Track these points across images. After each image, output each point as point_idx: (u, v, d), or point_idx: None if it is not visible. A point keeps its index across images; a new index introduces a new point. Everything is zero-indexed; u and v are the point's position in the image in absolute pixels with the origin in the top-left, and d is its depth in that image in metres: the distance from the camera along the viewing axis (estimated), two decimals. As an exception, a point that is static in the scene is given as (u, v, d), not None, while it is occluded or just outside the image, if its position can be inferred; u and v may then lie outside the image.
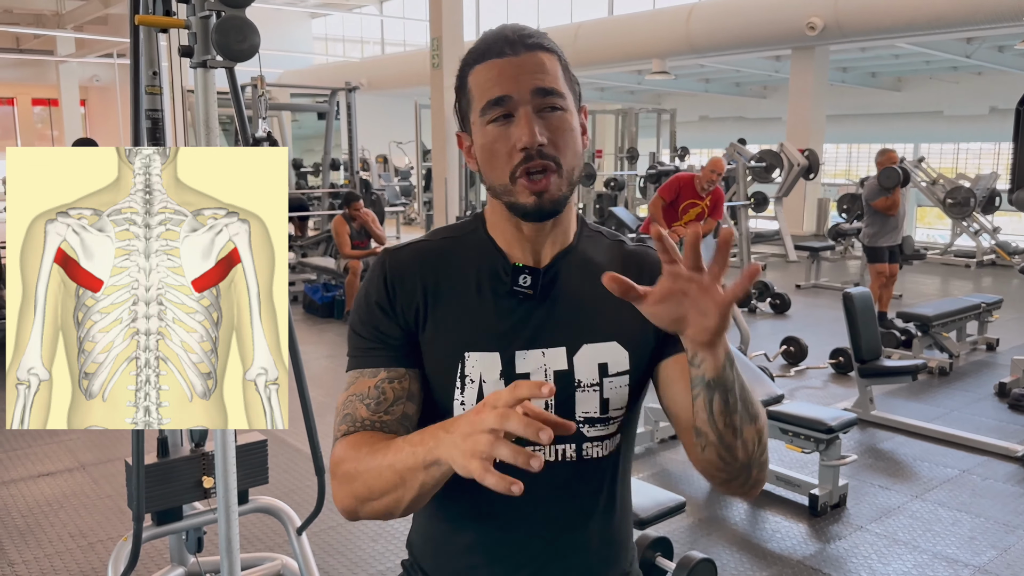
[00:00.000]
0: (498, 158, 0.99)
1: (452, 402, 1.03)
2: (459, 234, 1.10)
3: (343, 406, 1.02)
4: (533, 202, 0.99)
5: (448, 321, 1.03)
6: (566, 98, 1.02)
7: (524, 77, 0.98)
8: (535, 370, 1.03)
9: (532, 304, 1.04)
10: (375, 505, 0.93)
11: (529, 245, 1.06)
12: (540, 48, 1.02)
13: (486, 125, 1.00)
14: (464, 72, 1.03)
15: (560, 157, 0.99)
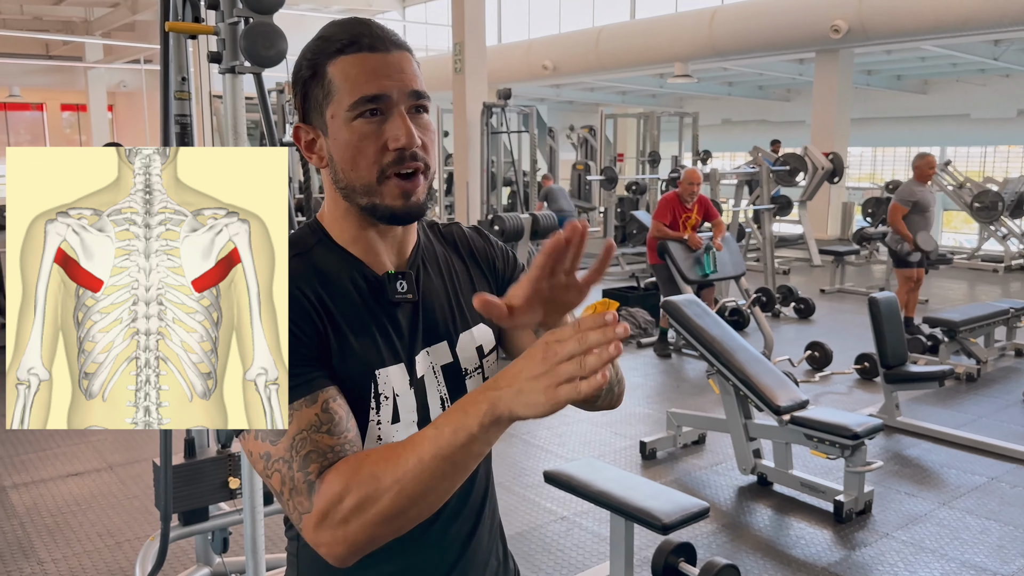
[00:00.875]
0: (365, 156, 0.96)
1: (368, 423, 0.99)
2: (305, 249, 1.03)
3: (293, 448, 0.90)
4: (401, 204, 0.98)
5: (350, 340, 0.99)
6: (430, 102, 1.01)
7: (399, 76, 0.96)
8: (426, 371, 1.04)
9: (411, 307, 1.04)
10: (412, 513, 0.87)
11: (389, 249, 1.05)
12: (406, 49, 0.99)
13: (353, 121, 0.96)
14: (320, 60, 0.97)
15: (428, 158, 0.99)
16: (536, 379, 0.79)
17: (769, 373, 3.76)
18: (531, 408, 0.79)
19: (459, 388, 1.06)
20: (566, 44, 14.60)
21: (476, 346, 1.09)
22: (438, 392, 1.04)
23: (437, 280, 1.09)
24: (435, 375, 1.05)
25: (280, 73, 2.40)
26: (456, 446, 0.83)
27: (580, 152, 14.28)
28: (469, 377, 1.07)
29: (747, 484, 3.86)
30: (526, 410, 0.80)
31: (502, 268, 1.17)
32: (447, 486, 0.87)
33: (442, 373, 1.05)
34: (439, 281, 1.09)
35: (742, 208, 8.98)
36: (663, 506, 2.61)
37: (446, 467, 0.84)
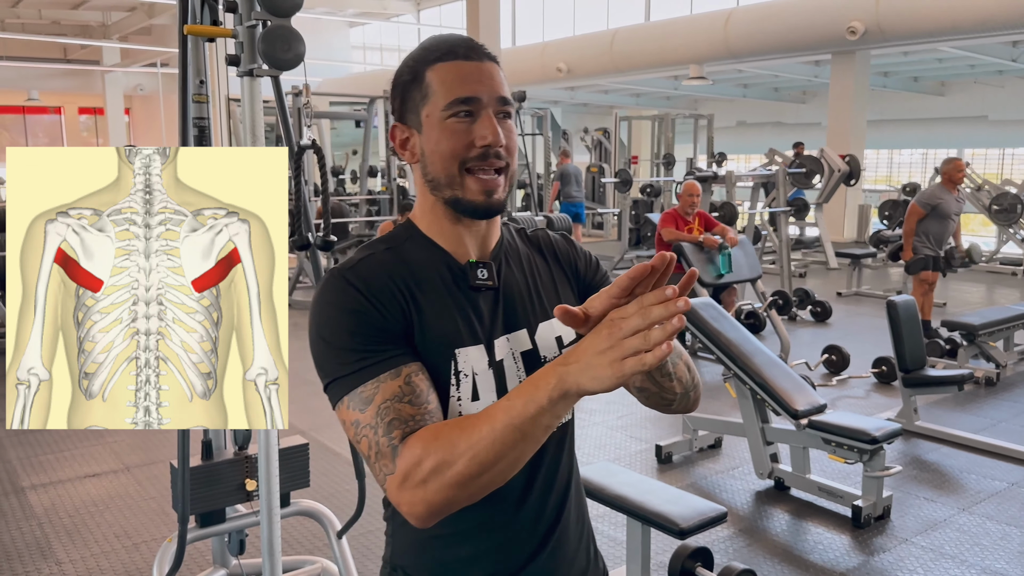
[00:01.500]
0: (453, 151, 1.04)
1: (448, 399, 1.05)
2: (397, 244, 1.11)
3: (378, 416, 0.98)
4: (482, 200, 1.06)
5: (432, 321, 1.06)
6: (514, 109, 1.10)
7: (489, 83, 1.06)
8: (506, 355, 1.10)
9: (493, 295, 1.11)
10: (485, 478, 0.93)
11: (473, 241, 1.12)
12: (493, 60, 1.09)
13: (446, 120, 1.04)
14: (421, 67, 1.07)
15: (510, 159, 1.07)
16: (602, 353, 0.84)
17: (786, 377, 3.73)
18: (597, 382, 0.85)
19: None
20: (580, 46, 14.59)
21: (556, 336, 1.15)
22: (517, 376, 1.11)
23: (519, 274, 1.16)
24: (515, 360, 1.11)
25: (298, 76, 2.40)
26: (526, 417, 0.90)
27: (594, 154, 14.25)
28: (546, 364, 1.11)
29: (764, 488, 3.83)
30: (593, 384, 0.85)
31: (583, 270, 1.24)
32: (516, 455, 0.93)
33: (522, 359, 1.11)
34: (520, 275, 1.16)
35: (758, 211, 8.94)
36: (680, 510, 2.59)
37: (516, 436, 0.91)
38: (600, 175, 13.65)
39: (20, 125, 21.46)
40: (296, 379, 5.88)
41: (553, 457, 1.15)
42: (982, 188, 10.32)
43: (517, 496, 1.11)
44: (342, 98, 14.06)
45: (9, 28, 17.49)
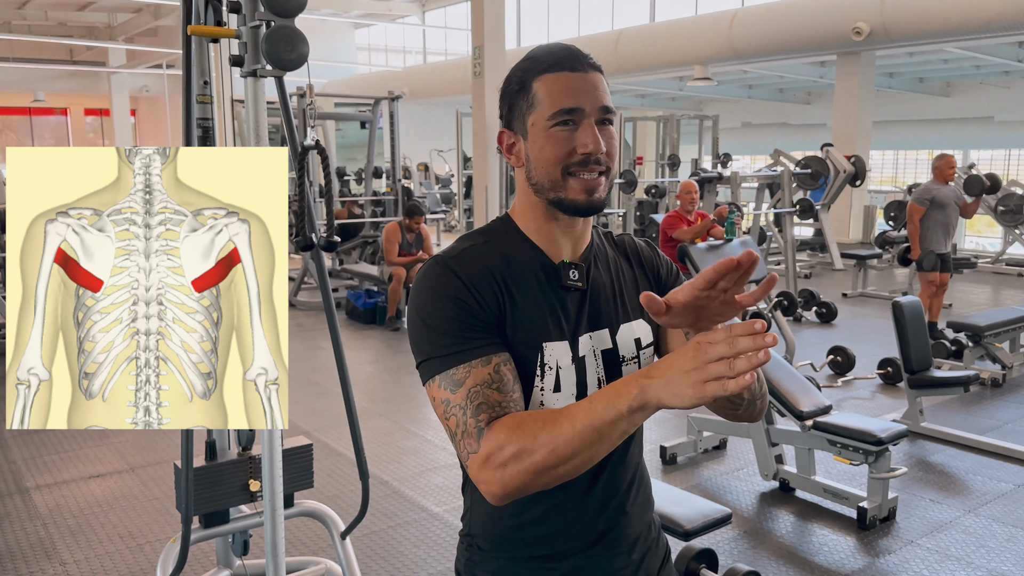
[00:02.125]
0: (555, 156, 1.10)
1: (532, 389, 1.12)
2: (495, 238, 1.18)
3: (468, 398, 1.04)
4: (584, 199, 1.11)
5: (523, 315, 1.12)
6: (615, 115, 1.15)
7: (593, 93, 1.12)
8: (587, 352, 1.16)
9: (580, 294, 1.18)
10: (560, 471, 0.99)
11: (567, 242, 1.18)
12: (599, 71, 1.15)
13: (551, 128, 1.10)
14: (528, 77, 1.13)
15: (611, 163, 1.13)
16: (686, 373, 0.89)
17: (791, 378, 3.72)
18: (678, 399, 0.90)
19: (615, 372, 1.19)
20: (585, 47, 14.04)
21: (635, 337, 1.21)
22: (596, 372, 1.17)
23: (605, 275, 1.22)
24: (595, 357, 1.17)
25: (301, 77, 2.40)
26: (605, 421, 0.95)
27: (599, 155, 14.22)
28: (625, 364, 1.20)
29: (769, 490, 3.82)
30: (673, 400, 0.91)
31: (664, 276, 1.30)
32: (592, 453, 0.98)
33: (601, 357, 1.18)
34: (606, 276, 1.22)
35: (763, 212, 8.92)
36: (685, 512, 2.59)
37: (594, 437, 0.96)
38: (605, 176, 13.62)
39: (26, 126, 21.53)
40: (300, 379, 5.90)
41: (620, 454, 1.21)
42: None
43: (584, 487, 1.17)
44: (347, 99, 14.08)
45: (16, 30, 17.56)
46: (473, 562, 1.23)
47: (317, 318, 7.88)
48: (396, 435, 4.65)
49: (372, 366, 6.24)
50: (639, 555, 1.25)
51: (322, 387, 5.56)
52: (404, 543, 3.30)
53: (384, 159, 10.61)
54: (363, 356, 6.55)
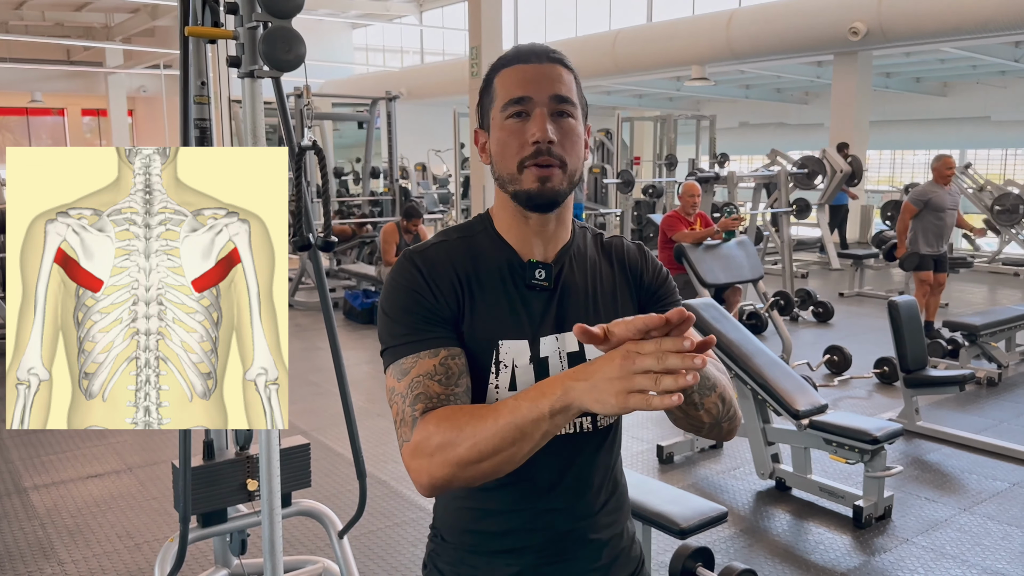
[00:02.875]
0: (510, 149, 1.10)
1: (487, 386, 1.12)
2: (471, 233, 1.19)
3: (410, 388, 1.06)
4: (537, 187, 1.10)
5: (482, 312, 1.12)
6: (577, 108, 1.13)
7: (545, 83, 1.10)
8: (552, 353, 1.15)
9: (547, 294, 1.16)
10: (483, 466, 0.98)
11: (539, 241, 1.17)
12: (561, 63, 1.14)
13: (505, 120, 1.11)
14: (492, 75, 1.15)
15: (566, 157, 1.11)
16: (611, 381, 0.88)
17: (788, 377, 3.73)
18: (600, 405, 0.89)
19: None
20: (583, 47, 14.58)
21: None
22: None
23: (580, 277, 1.20)
24: (560, 359, 1.16)
25: (299, 77, 2.41)
26: (527, 420, 0.95)
27: (596, 155, 14.24)
28: None
29: (765, 489, 3.83)
30: (595, 406, 0.90)
31: (649, 281, 1.26)
32: (514, 451, 0.97)
33: (567, 359, 1.16)
34: (581, 279, 1.20)
35: (760, 211, 8.93)
36: (681, 510, 2.60)
37: (516, 435, 0.96)
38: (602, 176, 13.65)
39: (23, 127, 21.50)
40: (298, 379, 5.90)
41: (589, 457, 1.19)
42: (984, 189, 10.32)
43: (545, 486, 1.16)
44: (345, 99, 14.08)
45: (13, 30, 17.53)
46: (436, 553, 1.24)
47: (315, 318, 7.88)
48: (393, 435, 4.65)
49: (369, 366, 6.24)
50: (605, 563, 1.23)
51: (320, 387, 5.57)
52: (401, 542, 3.31)
53: (382, 159, 10.61)
54: (361, 356, 6.55)
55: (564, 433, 1.16)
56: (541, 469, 1.14)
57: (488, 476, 1.00)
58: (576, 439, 1.18)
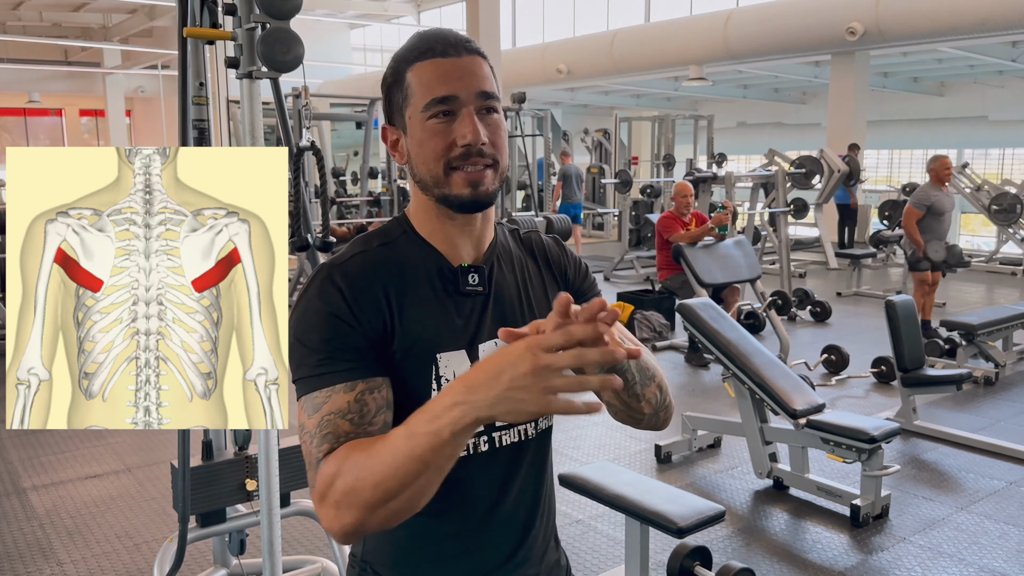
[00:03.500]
0: (435, 152, 1.02)
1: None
2: (390, 239, 1.10)
3: (319, 427, 0.97)
4: (469, 193, 1.03)
5: (415, 326, 1.04)
6: (500, 102, 1.07)
7: (468, 79, 1.03)
8: None
9: (482, 299, 1.10)
10: (393, 506, 0.89)
11: (466, 242, 1.10)
12: (478, 54, 1.06)
13: (427, 120, 1.03)
14: (401, 67, 1.05)
15: (497, 154, 1.04)
16: (521, 389, 0.79)
17: (785, 377, 3.74)
18: (513, 415, 0.81)
19: None
20: (581, 47, 14.60)
21: None
22: None
23: (510, 277, 1.14)
24: None
25: (297, 78, 2.42)
26: (427, 449, 0.85)
27: (594, 155, 14.26)
28: None
29: (763, 488, 3.84)
30: (508, 417, 0.82)
31: (572, 277, 1.22)
32: (424, 483, 0.89)
33: None
34: (512, 278, 1.14)
35: (757, 211, 8.94)
36: (679, 509, 2.60)
37: (419, 467, 0.87)
38: (600, 176, 13.66)
39: (21, 127, 21.47)
40: (296, 380, 5.87)
41: (527, 475, 1.14)
42: (982, 188, 10.33)
43: (487, 507, 1.10)
44: (343, 100, 14.08)
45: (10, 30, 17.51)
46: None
47: (313, 318, 7.88)
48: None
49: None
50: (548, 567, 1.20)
51: (318, 387, 5.56)
52: (400, 542, 3.31)
53: (380, 159, 10.61)
54: (359, 356, 6.55)
55: (507, 443, 1.10)
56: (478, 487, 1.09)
57: (403, 514, 0.91)
58: (523, 447, 1.13)
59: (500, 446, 1.10)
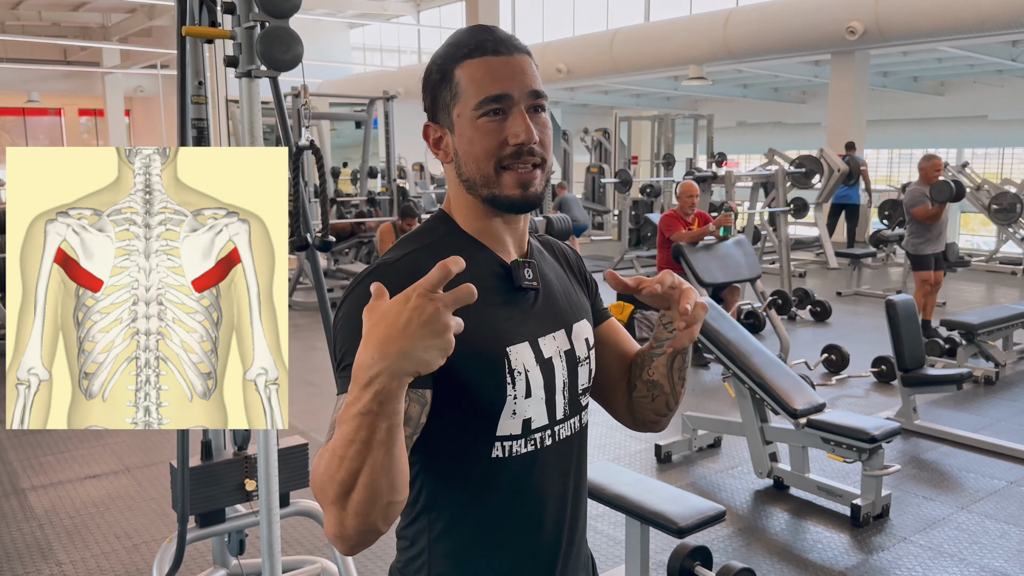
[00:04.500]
0: (487, 151, 1.02)
1: (504, 398, 1.02)
2: (434, 239, 1.08)
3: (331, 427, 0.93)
4: (519, 194, 1.04)
5: (482, 323, 1.01)
6: (547, 100, 1.07)
7: (520, 77, 1.03)
8: (553, 353, 1.09)
9: (535, 294, 1.11)
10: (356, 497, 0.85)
11: (512, 240, 1.11)
12: (526, 53, 1.06)
13: (478, 119, 1.02)
14: (449, 65, 1.04)
15: (546, 154, 1.05)
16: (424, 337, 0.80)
17: (785, 376, 3.74)
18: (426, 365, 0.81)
19: (574, 374, 1.12)
20: (580, 47, 14.59)
21: (584, 337, 1.15)
22: (561, 375, 1.10)
23: (550, 273, 1.16)
24: (560, 359, 1.10)
25: (296, 77, 2.41)
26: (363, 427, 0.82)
27: (594, 155, 14.27)
28: (580, 365, 1.13)
29: (763, 488, 3.84)
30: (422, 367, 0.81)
31: (589, 280, 1.27)
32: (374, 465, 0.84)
33: (564, 358, 1.11)
34: (551, 274, 1.16)
35: (757, 211, 8.94)
36: (679, 509, 2.60)
37: (361, 448, 0.83)
38: (600, 175, 13.66)
39: (20, 127, 21.47)
40: (296, 380, 5.89)
41: (573, 472, 1.14)
42: (982, 188, 10.33)
43: (536, 508, 1.09)
44: (342, 99, 14.07)
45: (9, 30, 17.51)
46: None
47: (313, 318, 7.88)
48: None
49: (368, 366, 6.24)
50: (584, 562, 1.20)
51: (318, 387, 5.56)
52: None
53: (379, 159, 10.60)
54: (359, 356, 6.55)
55: (564, 436, 1.11)
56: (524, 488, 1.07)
57: (373, 508, 0.85)
58: (572, 442, 1.13)
59: (544, 446, 1.09)
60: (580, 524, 1.17)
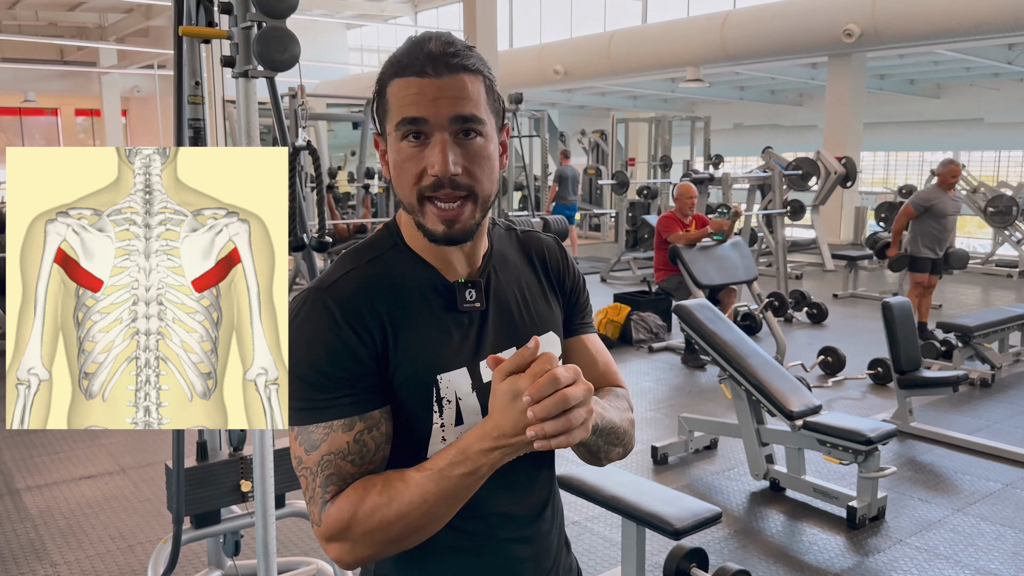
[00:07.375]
0: (408, 176, 0.98)
1: (431, 426, 1.02)
2: (380, 253, 1.06)
3: (320, 466, 0.98)
4: (442, 231, 0.99)
5: (413, 347, 1.01)
6: (486, 124, 0.99)
7: (443, 101, 0.96)
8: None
9: (480, 314, 1.06)
10: (415, 538, 0.97)
11: (460, 256, 1.06)
12: (463, 70, 0.98)
13: (400, 141, 0.98)
14: (385, 79, 1.00)
15: (475, 185, 0.98)
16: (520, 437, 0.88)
17: (782, 378, 3.74)
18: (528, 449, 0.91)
19: None
20: (578, 48, 14.61)
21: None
22: None
23: (508, 287, 1.11)
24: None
25: (293, 77, 2.41)
26: (464, 488, 0.94)
27: (591, 157, 14.28)
28: None
29: (759, 489, 3.84)
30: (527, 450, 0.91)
31: (570, 287, 1.19)
32: (449, 515, 0.96)
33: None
34: (510, 288, 1.11)
35: (754, 213, 8.95)
36: (675, 511, 2.60)
37: (452, 503, 0.95)
38: (597, 177, 13.67)
39: (16, 127, 21.43)
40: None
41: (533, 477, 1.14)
42: (978, 190, 10.35)
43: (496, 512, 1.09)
44: (339, 100, 14.07)
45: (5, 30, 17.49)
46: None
47: (309, 319, 7.87)
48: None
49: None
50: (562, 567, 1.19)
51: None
52: (396, 543, 3.30)
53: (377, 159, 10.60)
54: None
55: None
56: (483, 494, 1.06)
57: (420, 541, 0.98)
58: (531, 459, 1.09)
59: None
60: (550, 540, 1.15)
